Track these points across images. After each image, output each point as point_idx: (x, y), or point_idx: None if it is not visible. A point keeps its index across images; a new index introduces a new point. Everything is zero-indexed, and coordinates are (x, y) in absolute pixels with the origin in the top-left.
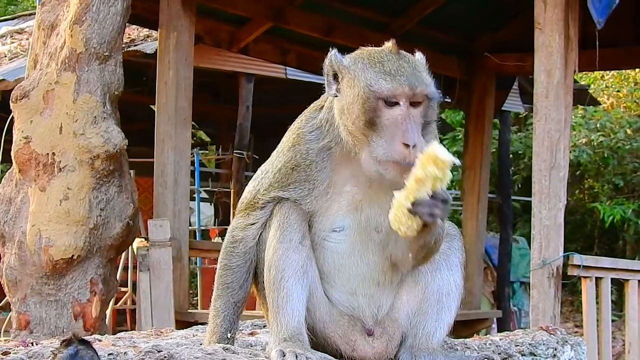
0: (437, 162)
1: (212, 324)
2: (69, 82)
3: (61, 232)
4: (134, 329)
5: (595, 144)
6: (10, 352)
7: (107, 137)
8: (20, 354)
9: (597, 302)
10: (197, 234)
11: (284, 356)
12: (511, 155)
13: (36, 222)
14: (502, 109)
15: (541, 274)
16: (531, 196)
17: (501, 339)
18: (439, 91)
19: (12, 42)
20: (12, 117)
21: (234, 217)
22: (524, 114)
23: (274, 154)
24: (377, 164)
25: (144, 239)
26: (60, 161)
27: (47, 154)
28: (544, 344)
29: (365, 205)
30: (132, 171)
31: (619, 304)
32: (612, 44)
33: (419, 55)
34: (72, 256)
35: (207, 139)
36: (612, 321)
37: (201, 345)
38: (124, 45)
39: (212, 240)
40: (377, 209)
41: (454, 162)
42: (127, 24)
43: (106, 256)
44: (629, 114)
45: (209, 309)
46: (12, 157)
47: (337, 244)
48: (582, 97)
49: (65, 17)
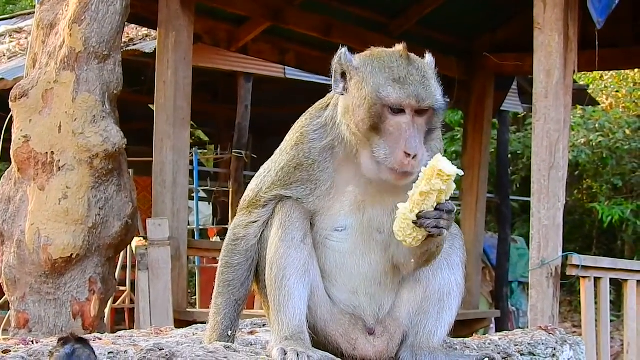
0: (441, 175)
1: (213, 322)
2: (68, 81)
3: (60, 231)
4: (133, 328)
5: (594, 144)
6: (10, 351)
7: (106, 136)
8: (20, 352)
9: (596, 302)
10: (196, 233)
11: (285, 354)
12: (510, 155)
13: (35, 221)
14: (501, 109)
15: (540, 273)
16: (530, 196)
17: (500, 339)
18: (445, 98)
19: (11, 41)
20: (11, 116)
21: (232, 216)
22: (523, 114)
23: (277, 152)
24: (376, 167)
25: (142, 238)
26: (59, 160)
27: (46, 153)
28: (543, 344)
29: (367, 205)
30: (130, 170)
31: (617, 304)
32: (612, 44)
33: (429, 58)
34: (71, 255)
35: (206, 139)
36: (611, 321)
37: (202, 343)
38: (122, 44)
39: (211, 239)
40: (379, 210)
41: (458, 174)
42: (126, 23)
43: (105, 255)
44: (627, 115)
45: (210, 307)
46: (11, 156)
47: (339, 243)
48: (581, 97)
49: (64, 16)
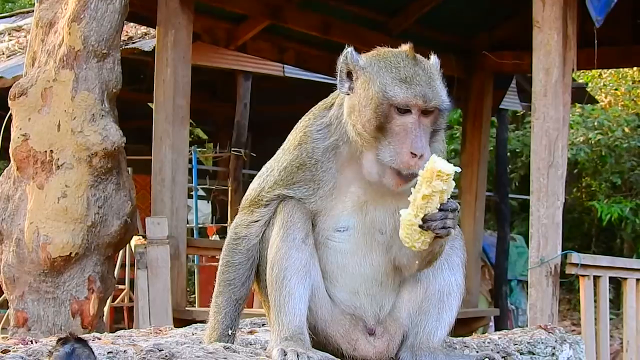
0: (441, 176)
1: (213, 321)
2: (67, 80)
3: (59, 230)
4: (132, 327)
5: (593, 142)
6: (9, 350)
7: (105, 134)
8: (19, 352)
9: (595, 301)
10: (195, 231)
11: (285, 355)
12: (509, 153)
13: (34, 219)
14: (500, 107)
15: (539, 272)
16: (529, 194)
17: (500, 338)
18: (450, 98)
19: (10, 40)
20: (10, 115)
21: (231, 214)
22: (522, 112)
23: (280, 151)
24: (380, 167)
25: (141, 237)
26: (58, 159)
27: (45, 151)
28: (543, 343)
29: (370, 206)
30: (129, 169)
31: (616, 303)
32: (611, 42)
33: (434, 59)
34: (70, 254)
35: (205, 137)
36: (610, 319)
37: (201, 343)
38: (121, 43)
39: (210, 238)
40: (382, 211)
41: (456, 172)
42: (125, 21)
43: (104, 254)
44: (626, 112)
45: (210, 305)
46: (10, 155)
47: (340, 243)
48: (580, 95)
49: (63, 14)
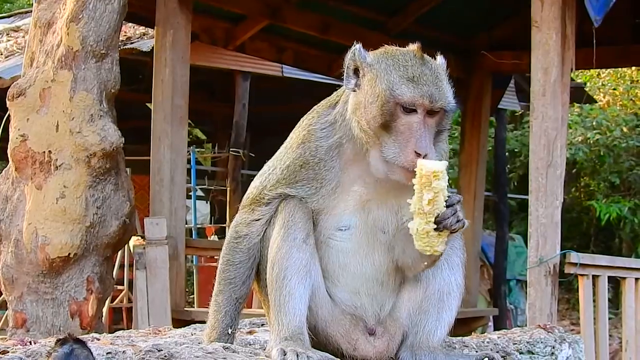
0: (437, 176)
1: (213, 320)
2: (66, 80)
3: (58, 230)
4: (130, 327)
5: (591, 142)
6: (8, 351)
7: (103, 135)
8: (18, 353)
9: (594, 300)
10: (193, 232)
11: (285, 355)
12: (507, 153)
13: (33, 220)
14: (499, 107)
15: (538, 272)
16: (527, 194)
17: (499, 337)
18: (456, 100)
19: (9, 40)
20: (9, 115)
21: (230, 214)
22: (520, 112)
23: (282, 149)
24: (385, 165)
25: (140, 237)
26: (56, 159)
27: (44, 152)
28: (542, 342)
29: (373, 206)
30: (128, 169)
31: (615, 302)
32: (609, 42)
33: (441, 60)
34: (69, 254)
35: (204, 137)
36: (609, 319)
37: (200, 343)
38: (120, 43)
39: (209, 238)
40: (384, 210)
41: (446, 164)
42: (123, 21)
43: (102, 254)
44: (625, 112)
45: (210, 304)
46: (9, 155)
47: (342, 242)
48: (579, 95)
49: (61, 15)
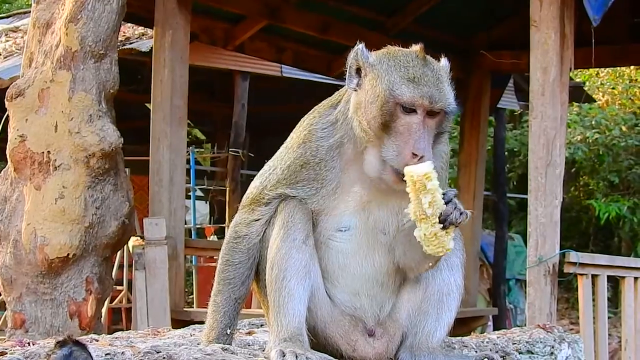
0: (429, 177)
1: (212, 320)
2: (64, 81)
3: (56, 231)
4: (130, 328)
5: (590, 141)
6: (6, 353)
7: (102, 135)
8: (16, 354)
9: (593, 300)
10: (193, 232)
11: (284, 356)
12: (506, 152)
13: (31, 220)
14: (498, 106)
15: (537, 271)
16: (526, 193)
17: (499, 337)
18: (457, 101)
19: (7, 41)
20: (7, 116)
21: (229, 215)
22: (519, 112)
23: (282, 149)
24: (380, 164)
25: (139, 238)
26: (55, 160)
27: (43, 152)
28: (542, 342)
29: (373, 207)
30: (127, 169)
31: (614, 301)
32: (608, 41)
33: (444, 62)
34: (68, 255)
35: (203, 137)
36: (608, 318)
37: (199, 344)
38: (119, 43)
39: (208, 238)
40: (385, 211)
41: (432, 164)
42: (122, 22)
43: (102, 255)
44: (624, 111)
45: (209, 304)
46: (7, 156)
47: (342, 243)
48: (578, 94)
49: (60, 15)
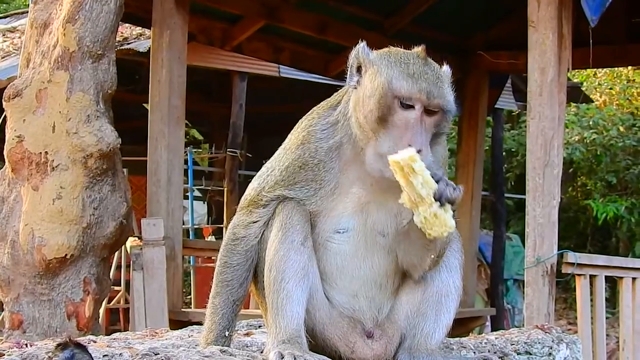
0: (413, 160)
1: (210, 322)
2: (62, 81)
3: (54, 232)
4: (127, 328)
5: (588, 141)
6: (4, 354)
7: (100, 135)
8: (14, 356)
9: (592, 300)
10: (190, 232)
11: (282, 358)
12: (504, 152)
13: (29, 221)
14: (495, 106)
15: (535, 271)
16: (524, 194)
17: (497, 338)
18: (457, 103)
19: (5, 41)
20: (5, 116)
21: (227, 215)
22: (517, 112)
23: (281, 151)
24: (379, 160)
25: (137, 238)
26: (53, 160)
27: (40, 153)
28: (540, 343)
29: (371, 208)
30: (125, 170)
31: (612, 302)
32: (605, 41)
33: (446, 68)
34: (65, 255)
35: (201, 138)
36: (606, 318)
37: (197, 346)
38: (117, 43)
39: (206, 238)
40: (384, 213)
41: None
42: (120, 22)
43: (99, 255)
44: (621, 112)
45: (207, 306)
46: (5, 156)
47: (340, 245)
48: (575, 94)
49: (58, 15)
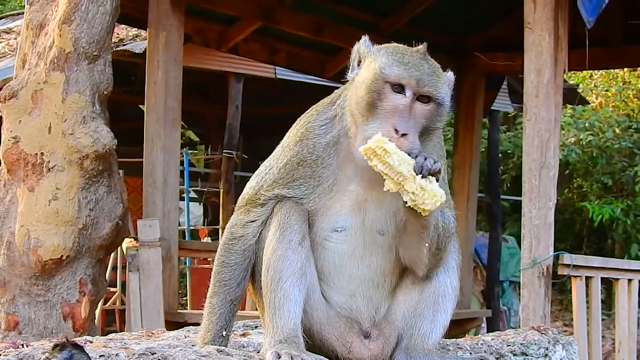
0: (382, 141)
1: (207, 321)
2: (58, 82)
3: (50, 233)
4: (123, 329)
5: (584, 143)
6: (0, 355)
7: (96, 137)
8: (10, 356)
9: (587, 301)
10: (186, 234)
11: (280, 358)
12: (500, 154)
13: (25, 222)
14: (492, 108)
15: (531, 273)
16: (520, 195)
17: (493, 339)
18: (451, 102)
19: (0, 42)
20: (0, 117)
21: (223, 216)
22: (513, 114)
23: (279, 148)
24: (364, 144)
25: (133, 239)
26: (49, 161)
27: (36, 154)
28: (536, 344)
29: (369, 206)
30: (121, 171)
31: (608, 303)
32: (602, 43)
33: (450, 74)
34: (61, 256)
35: (196, 139)
36: (602, 320)
37: (194, 346)
38: (112, 44)
39: (202, 240)
40: (382, 211)
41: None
42: (116, 23)
43: (95, 256)
44: (617, 113)
45: (204, 306)
46: (1, 158)
47: (338, 244)
48: (571, 96)
49: (53, 16)
